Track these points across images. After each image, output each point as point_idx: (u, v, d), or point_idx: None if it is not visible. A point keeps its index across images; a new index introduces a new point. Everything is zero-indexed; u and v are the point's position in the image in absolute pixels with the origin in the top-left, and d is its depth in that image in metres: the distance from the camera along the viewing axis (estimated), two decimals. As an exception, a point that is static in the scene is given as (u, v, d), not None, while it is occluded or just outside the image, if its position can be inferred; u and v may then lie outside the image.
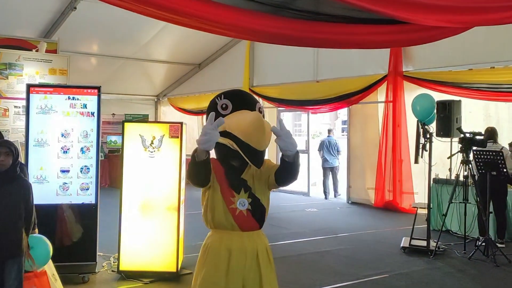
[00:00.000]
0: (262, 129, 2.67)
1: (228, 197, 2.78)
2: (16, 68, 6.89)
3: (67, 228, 5.65)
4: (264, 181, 2.84)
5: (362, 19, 4.71)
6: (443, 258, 6.75)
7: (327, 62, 11.78)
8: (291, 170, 2.73)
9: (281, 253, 6.86)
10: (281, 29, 4.87)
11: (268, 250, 2.89)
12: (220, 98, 2.84)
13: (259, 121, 2.68)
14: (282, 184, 2.83)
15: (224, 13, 4.59)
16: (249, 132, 2.64)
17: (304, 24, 4.83)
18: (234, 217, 2.77)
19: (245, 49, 13.60)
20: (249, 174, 2.84)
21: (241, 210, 2.77)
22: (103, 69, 13.92)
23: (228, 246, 2.76)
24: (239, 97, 2.88)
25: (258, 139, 2.66)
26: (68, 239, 5.62)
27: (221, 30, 5.34)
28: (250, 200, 2.79)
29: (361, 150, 11.47)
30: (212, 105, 2.85)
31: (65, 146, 5.61)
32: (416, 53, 10.24)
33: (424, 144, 7.04)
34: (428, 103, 7.10)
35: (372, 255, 6.93)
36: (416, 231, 7.18)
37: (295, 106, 12.74)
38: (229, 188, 2.79)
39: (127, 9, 4.37)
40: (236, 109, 2.79)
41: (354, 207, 11.06)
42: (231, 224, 2.78)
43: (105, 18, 11.12)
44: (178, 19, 4.85)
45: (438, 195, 8.30)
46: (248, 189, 2.81)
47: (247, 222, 2.79)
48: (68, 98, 5.63)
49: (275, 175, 2.78)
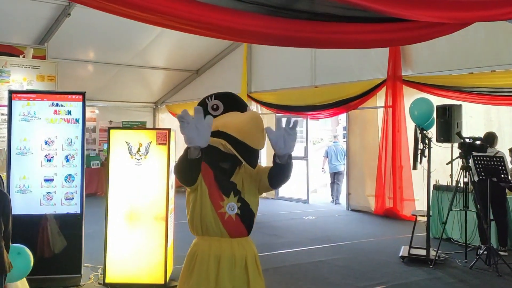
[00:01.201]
0: (261, 127, 2.56)
1: (217, 201, 2.64)
2: (2, 75, 6.75)
3: (49, 239, 5.46)
4: (254, 184, 2.72)
5: (358, 18, 4.59)
6: (444, 267, 6.53)
7: (325, 67, 11.63)
8: (286, 172, 2.62)
9: (275, 263, 6.66)
10: (275, 29, 4.73)
11: (257, 258, 2.77)
12: (211, 98, 2.71)
13: (257, 118, 2.57)
14: (276, 186, 2.76)
15: (219, 15, 4.45)
16: (246, 130, 2.51)
17: (299, 24, 4.70)
18: (222, 222, 2.63)
19: (242, 55, 13.47)
20: (238, 177, 2.70)
21: (230, 215, 2.63)
22: (99, 76, 13.79)
23: (217, 254, 2.62)
24: (230, 99, 2.76)
25: (256, 138, 2.53)
26: (49, 251, 5.42)
27: (214, 33, 5.20)
28: (240, 204, 2.66)
29: (360, 156, 11.26)
30: (201, 105, 2.70)
31: (49, 154, 5.45)
32: (415, 57, 10.07)
33: (422, 149, 6.84)
34: (426, 108, 6.91)
35: (369, 264, 6.70)
36: (416, 239, 6.96)
37: (293, 112, 12.55)
38: (218, 191, 2.64)
39: (109, 12, 4.22)
40: (227, 111, 2.67)
41: (353, 214, 10.84)
42: (220, 230, 2.63)
43: (101, 25, 11.01)
44: (172, 24, 4.71)
45: (439, 202, 8.09)
46: (238, 193, 2.67)
47: (236, 228, 2.66)
48: (52, 105, 5.47)
49: (268, 177, 2.65)
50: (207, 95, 2.74)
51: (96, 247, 5.96)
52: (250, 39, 7.29)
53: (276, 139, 2.48)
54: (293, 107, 12.27)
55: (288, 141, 2.48)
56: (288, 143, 2.48)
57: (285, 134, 2.47)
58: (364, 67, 10.85)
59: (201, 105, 2.69)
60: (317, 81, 11.87)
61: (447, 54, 9.35)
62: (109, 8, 4.28)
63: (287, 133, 2.47)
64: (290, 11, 4.63)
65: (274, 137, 2.48)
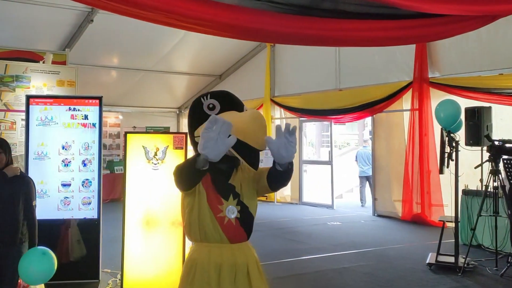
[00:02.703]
0: (264, 127, 2.42)
1: (215, 205, 2.50)
2: (23, 80, 6.77)
3: (69, 245, 5.43)
4: (252, 186, 2.58)
5: (382, 15, 4.48)
6: (473, 275, 6.26)
7: (350, 70, 11.44)
8: (287, 177, 2.49)
9: (297, 269, 6.50)
10: (298, 28, 4.63)
11: (258, 263, 2.63)
12: (206, 97, 2.57)
13: (259, 117, 2.43)
14: (276, 190, 2.63)
15: (242, 16, 4.38)
16: (250, 129, 2.37)
17: (323, 23, 4.60)
18: (222, 227, 2.49)
19: (265, 59, 13.37)
20: (236, 179, 2.57)
21: (230, 219, 2.49)
22: (123, 81, 13.89)
23: (217, 262, 2.48)
24: (227, 98, 2.62)
25: (259, 138, 2.39)
26: (69, 256, 5.38)
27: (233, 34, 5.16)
28: (239, 207, 2.52)
29: (386, 161, 11.00)
30: (196, 105, 2.59)
31: (66, 159, 5.42)
32: (442, 59, 9.80)
33: (450, 153, 6.59)
34: (452, 109, 6.65)
35: (395, 272, 6.47)
36: (445, 246, 6.71)
37: (317, 116, 12.40)
38: (217, 195, 2.51)
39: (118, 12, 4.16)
40: (223, 110, 2.52)
41: (379, 220, 10.57)
42: (220, 236, 2.50)
43: (123, 31, 11.09)
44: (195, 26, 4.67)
45: (468, 207, 7.79)
46: (237, 195, 2.54)
47: (236, 232, 2.52)
48: (69, 109, 5.45)
49: (267, 180, 2.52)
50: (202, 94, 2.62)
51: (116, 252, 5.90)
52: (274, 39, 7.24)
53: (278, 148, 2.33)
54: (317, 111, 12.11)
55: (290, 148, 2.34)
56: (289, 151, 2.34)
57: (286, 142, 2.32)
58: (390, 69, 10.61)
59: (197, 104, 2.58)
60: (342, 84, 11.68)
61: (476, 55, 9.06)
62: (123, 10, 4.23)
63: (287, 140, 2.32)
64: (313, 9, 4.53)
65: (275, 147, 2.34)
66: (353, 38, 4.99)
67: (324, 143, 23.47)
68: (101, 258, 5.58)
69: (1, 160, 3.96)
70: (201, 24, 4.57)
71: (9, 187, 4.01)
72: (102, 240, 5.91)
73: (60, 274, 5.20)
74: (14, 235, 4.02)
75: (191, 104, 2.64)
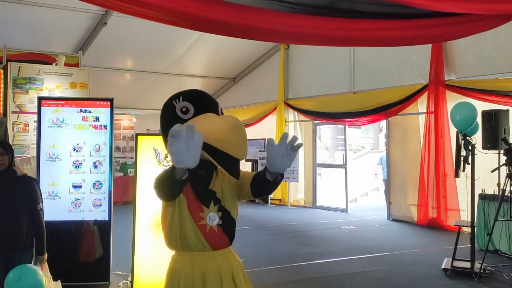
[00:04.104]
0: (244, 135, 2.30)
1: (196, 213, 2.40)
2: (36, 82, 6.81)
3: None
4: (234, 192, 2.49)
5: (397, 14, 4.42)
6: (489, 281, 6.11)
7: (364, 73, 11.32)
8: (272, 188, 2.40)
9: (309, 274, 6.41)
10: (314, 29, 4.58)
11: (242, 268, 2.54)
12: (178, 100, 2.41)
13: (239, 126, 2.30)
14: (258, 197, 2.58)
15: (257, 16, 4.33)
16: (229, 139, 2.24)
17: (338, 22, 4.54)
18: (204, 235, 2.40)
19: (279, 62, 13.31)
20: (217, 184, 2.47)
21: (212, 227, 2.40)
22: (137, 84, 13.93)
23: (201, 271, 2.40)
24: (200, 99, 2.46)
25: (239, 148, 2.28)
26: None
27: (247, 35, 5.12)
28: (221, 214, 2.43)
29: (401, 164, 10.85)
30: (168, 109, 2.44)
31: (77, 160, 5.42)
32: (459, 61, 9.64)
33: (465, 156, 6.46)
34: (468, 112, 6.52)
35: (409, 277, 6.35)
36: (461, 251, 6.56)
37: (331, 119, 12.29)
38: (197, 202, 2.41)
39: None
40: (198, 113, 2.39)
41: (394, 224, 10.42)
42: (202, 244, 2.41)
43: (137, 33, 11.13)
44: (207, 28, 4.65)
45: (485, 212, 7.66)
46: (218, 201, 2.44)
47: (219, 239, 2.43)
48: (80, 111, 5.44)
49: (251, 185, 2.42)
50: (173, 96, 2.45)
51: (128, 254, 5.88)
52: (290, 39, 7.20)
53: (275, 155, 2.24)
54: (331, 113, 12.02)
55: (285, 160, 2.24)
56: (283, 163, 2.25)
57: (285, 153, 2.23)
58: (405, 72, 10.48)
59: (168, 107, 2.44)
60: (356, 87, 11.57)
61: (493, 57, 8.90)
62: (131, 10, 4.20)
63: (287, 152, 2.23)
64: (329, 10, 4.49)
65: (273, 153, 2.25)
66: (367, 38, 4.92)
67: (339, 146, 23.33)
68: (111, 260, 5.55)
69: (4, 162, 3.90)
70: (214, 25, 4.53)
71: (10, 189, 3.93)
72: (115, 242, 5.89)
73: (71, 276, 5.22)
74: (16, 240, 3.91)
75: (162, 107, 2.49)
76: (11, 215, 3.91)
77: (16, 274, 3.65)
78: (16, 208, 3.94)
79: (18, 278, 3.63)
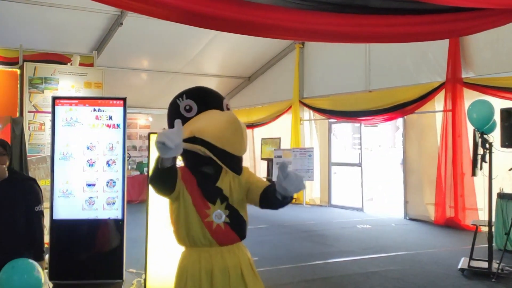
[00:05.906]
0: (240, 131, 2.29)
1: (202, 209, 2.39)
2: (51, 82, 6.86)
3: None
4: (243, 192, 2.45)
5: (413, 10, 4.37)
6: (507, 281, 6.00)
7: (380, 71, 11.22)
8: (280, 206, 2.35)
9: (324, 273, 6.36)
10: (330, 25, 4.57)
11: (252, 263, 2.51)
12: (182, 98, 2.46)
13: (235, 123, 2.29)
14: (263, 208, 2.48)
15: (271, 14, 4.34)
16: (225, 136, 2.26)
17: (354, 19, 4.51)
18: (211, 232, 2.38)
19: (294, 61, 13.26)
20: (225, 182, 2.45)
21: (218, 224, 2.38)
22: (153, 84, 14.01)
23: (208, 267, 2.39)
24: (204, 96, 2.51)
25: (236, 144, 2.28)
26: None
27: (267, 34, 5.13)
28: (228, 212, 2.40)
29: (418, 163, 10.72)
30: (173, 107, 2.48)
31: (91, 159, 5.44)
32: (476, 58, 9.50)
33: (483, 155, 6.35)
34: (485, 110, 6.41)
35: (425, 277, 6.26)
36: (479, 251, 6.46)
37: (347, 117, 12.21)
38: (203, 199, 2.39)
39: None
40: (201, 110, 2.42)
41: (411, 223, 10.30)
42: (209, 241, 2.39)
43: (152, 33, 11.18)
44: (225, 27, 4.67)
45: (503, 211, 7.51)
46: (225, 199, 2.41)
47: (226, 236, 2.41)
48: (94, 110, 5.47)
49: (260, 198, 2.39)
50: (178, 94, 2.50)
51: (143, 253, 5.90)
52: (307, 37, 7.19)
53: (288, 181, 2.15)
54: (346, 112, 11.94)
55: (295, 185, 2.16)
56: (290, 187, 2.16)
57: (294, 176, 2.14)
58: (421, 70, 10.36)
59: (173, 106, 2.48)
60: (372, 85, 11.47)
61: (511, 55, 8.74)
62: (147, 10, 4.22)
63: (296, 177, 2.15)
64: (345, 6, 4.46)
65: (283, 176, 2.16)
66: (382, 34, 4.89)
67: (356, 145, 23.15)
68: (125, 258, 5.57)
69: (4, 162, 3.83)
70: (228, 23, 4.53)
71: (5, 191, 3.77)
72: (130, 240, 5.92)
73: (84, 274, 5.26)
74: (13, 244, 3.71)
75: (168, 106, 2.53)
76: (4, 218, 3.74)
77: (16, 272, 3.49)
78: (10, 211, 3.76)
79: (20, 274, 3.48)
